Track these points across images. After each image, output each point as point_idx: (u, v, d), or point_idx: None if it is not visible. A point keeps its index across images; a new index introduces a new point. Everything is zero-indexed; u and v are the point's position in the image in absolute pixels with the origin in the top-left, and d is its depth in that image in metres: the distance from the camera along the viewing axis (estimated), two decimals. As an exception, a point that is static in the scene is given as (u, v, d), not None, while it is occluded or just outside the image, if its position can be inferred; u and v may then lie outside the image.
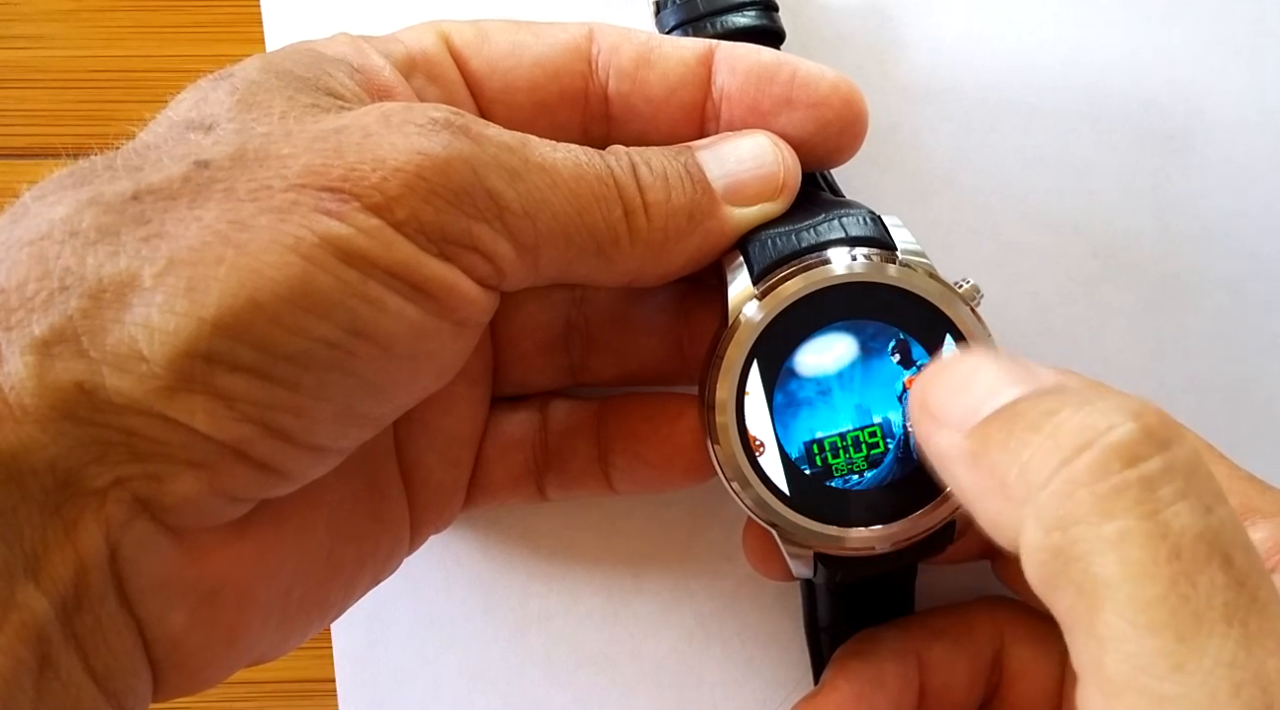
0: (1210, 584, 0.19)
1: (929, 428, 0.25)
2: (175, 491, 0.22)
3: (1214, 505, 0.20)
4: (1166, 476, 0.20)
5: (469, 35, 0.29)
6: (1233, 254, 0.35)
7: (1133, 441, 0.21)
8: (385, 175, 0.23)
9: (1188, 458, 0.21)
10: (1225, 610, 0.19)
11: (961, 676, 0.30)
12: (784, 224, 0.29)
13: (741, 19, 0.31)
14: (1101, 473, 0.20)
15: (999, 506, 0.22)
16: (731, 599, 0.36)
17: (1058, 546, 0.21)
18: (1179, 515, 0.20)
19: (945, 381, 0.25)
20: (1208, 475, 0.21)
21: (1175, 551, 0.20)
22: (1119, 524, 0.20)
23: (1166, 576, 0.19)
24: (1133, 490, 0.20)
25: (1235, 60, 0.35)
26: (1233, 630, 0.19)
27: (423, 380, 0.25)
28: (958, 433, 0.23)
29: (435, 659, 0.36)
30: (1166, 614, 0.19)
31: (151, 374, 0.21)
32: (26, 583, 0.21)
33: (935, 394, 0.25)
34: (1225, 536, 0.20)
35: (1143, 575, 0.20)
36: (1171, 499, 0.20)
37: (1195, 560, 0.20)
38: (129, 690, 0.23)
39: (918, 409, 0.25)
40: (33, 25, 0.36)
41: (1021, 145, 0.35)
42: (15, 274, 0.21)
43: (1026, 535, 0.21)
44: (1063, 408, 0.22)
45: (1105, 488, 0.20)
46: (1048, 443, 0.21)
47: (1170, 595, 0.19)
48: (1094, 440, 0.21)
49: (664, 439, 0.32)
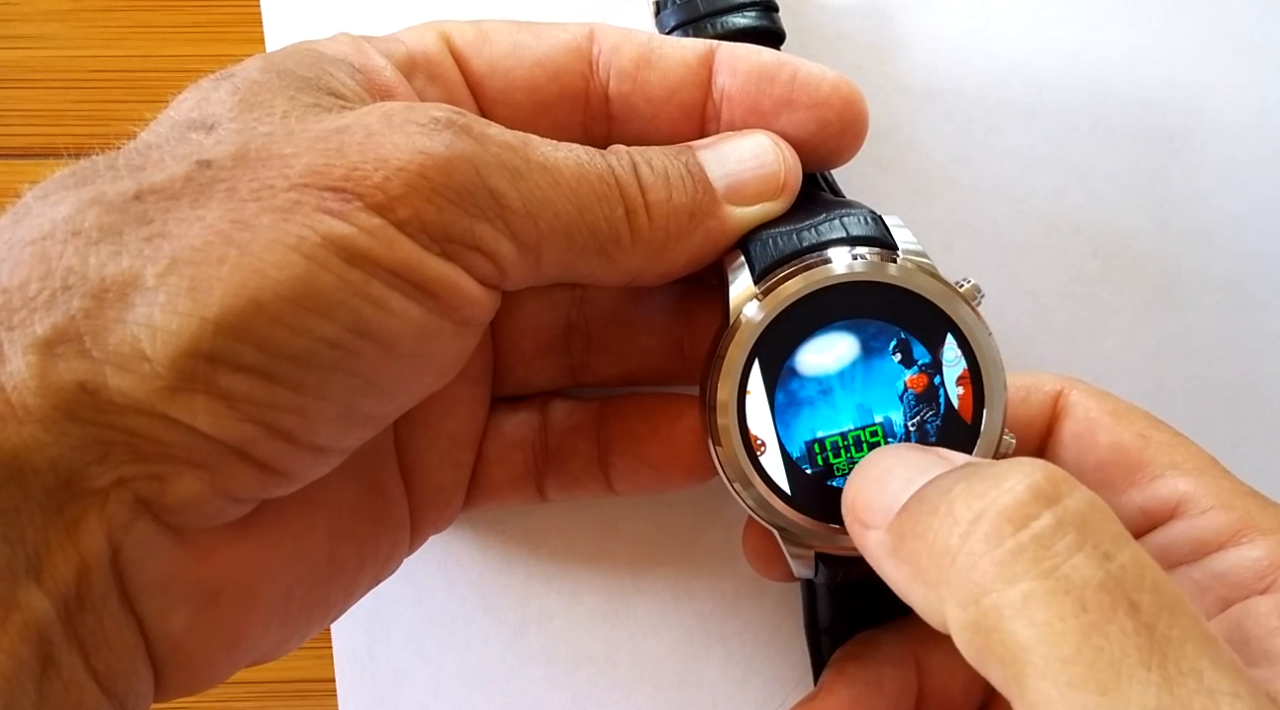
0: (1121, 631, 0.19)
1: (858, 531, 0.25)
2: (177, 492, 0.22)
3: (1113, 551, 0.20)
4: (1060, 530, 0.21)
5: (470, 35, 0.29)
6: (1233, 254, 0.35)
7: (1020, 503, 0.21)
8: (388, 175, 0.23)
9: (1079, 507, 0.21)
10: (1140, 655, 0.19)
11: (959, 681, 0.30)
12: (785, 224, 0.29)
13: (742, 19, 0.31)
14: (997, 539, 0.21)
15: (923, 592, 0.23)
16: (731, 599, 0.36)
17: (975, 620, 0.21)
18: (1078, 568, 0.20)
19: (864, 482, 0.25)
20: (1104, 521, 0.21)
21: (1080, 604, 0.20)
22: (1022, 587, 0.20)
23: (1076, 631, 0.19)
24: (1029, 550, 0.20)
25: (1235, 60, 0.35)
26: (1152, 675, 0.19)
27: (424, 380, 0.25)
28: (881, 530, 0.24)
29: (435, 659, 0.35)
30: (1084, 669, 0.19)
31: (154, 374, 0.21)
32: (28, 583, 0.21)
33: (858, 497, 0.25)
34: (1129, 581, 0.20)
35: (1054, 634, 0.20)
36: (1068, 552, 0.20)
37: (1101, 610, 0.20)
38: (130, 690, 0.23)
39: (848, 515, 0.26)
40: (33, 25, 0.36)
41: (1021, 145, 0.35)
42: (18, 273, 0.21)
43: (949, 615, 0.21)
44: (955, 484, 0.22)
45: (1003, 553, 0.20)
46: (946, 521, 0.22)
47: (1084, 649, 0.19)
48: (986, 509, 0.21)
49: (665, 439, 0.32)
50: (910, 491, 0.23)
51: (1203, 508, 0.27)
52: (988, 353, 0.28)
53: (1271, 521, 0.27)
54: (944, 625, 0.22)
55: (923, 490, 0.23)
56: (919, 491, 0.23)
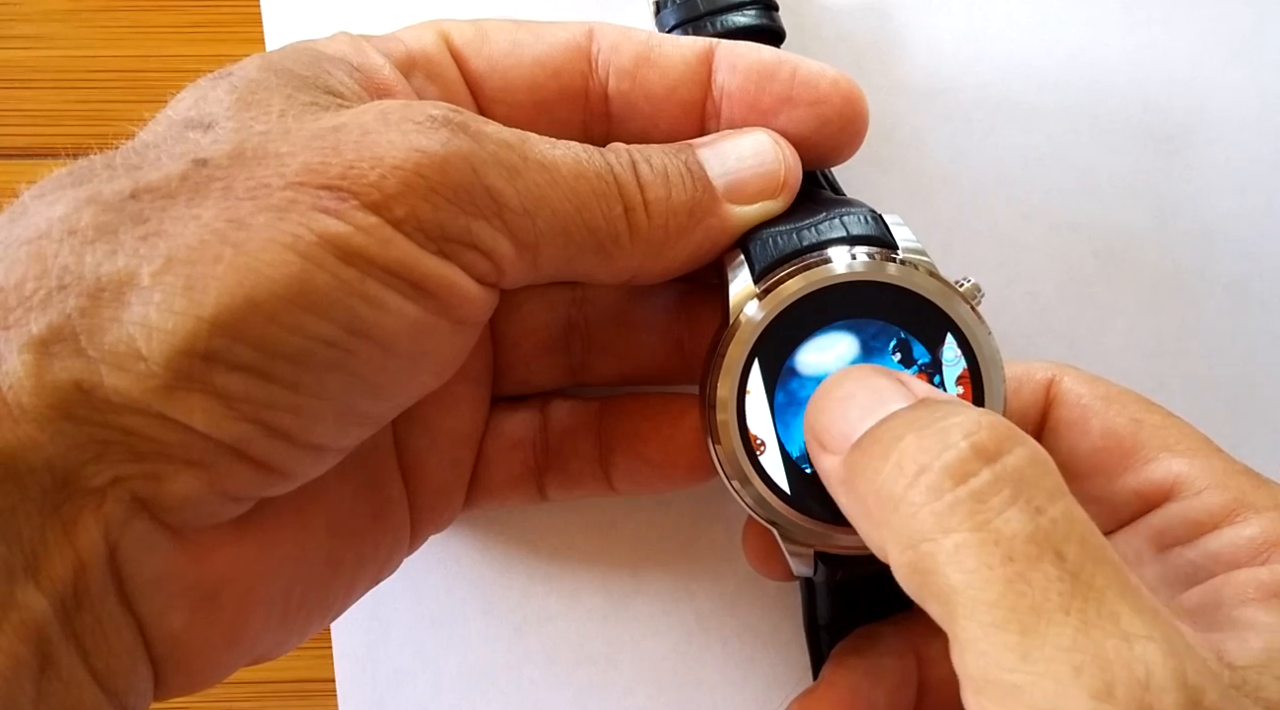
0: (1044, 578, 0.21)
1: (816, 452, 0.26)
2: (174, 491, 0.22)
3: (1045, 506, 0.22)
4: (995, 486, 0.22)
5: (469, 34, 0.29)
6: (1233, 254, 0.35)
7: (962, 459, 0.22)
8: (384, 173, 0.23)
9: (1017, 464, 0.22)
10: (1061, 600, 0.21)
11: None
12: (785, 222, 0.29)
13: (741, 18, 0.31)
14: (937, 492, 0.22)
15: (869, 528, 0.24)
16: (731, 599, 0.36)
17: (912, 563, 0.22)
18: (1009, 522, 0.21)
19: (827, 404, 0.26)
20: (1042, 477, 0.22)
21: (1008, 555, 0.21)
22: (955, 538, 0.22)
23: (1002, 578, 0.21)
24: (964, 505, 0.22)
25: (1235, 60, 0.35)
26: (1070, 618, 0.20)
27: (422, 378, 0.25)
28: (836, 457, 0.25)
29: (435, 659, 0.35)
30: (1007, 612, 0.21)
31: (150, 373, 0.21)
32: (26, 582, 0.21)
33: (819, 418, 0.26)
34: (1057, 534, 0.21)
35: (982, 581, 0.21)
36: (1001, 507, 0.22)
37: (1028, 560, 0.21)
38: (130, 689, 0.23)
39: (807, 432, 0.27)
40: (33, 25, 0.36)
41: (1021, 145, 0.35)
42: (13, 273, 0.21)
43: (891, 554, 0.23)
44: (908, 432, 0.23)
45: (941, 506, 0.22)
46: (894, 469, 0.23)
47: (1008, 594, 0.21)
48: (930, 463, 0.22)
49: (665, 438, 0.31)
50: (868, 423, 0.25)
51: (1197, 488, 0.28)
52: (987, 352, 0.28)
53: (1266, 499, 0.27)
54: (886, 559, 0.23)
55: (877, 429, 0.24)
56: (873, 430, 0.24)
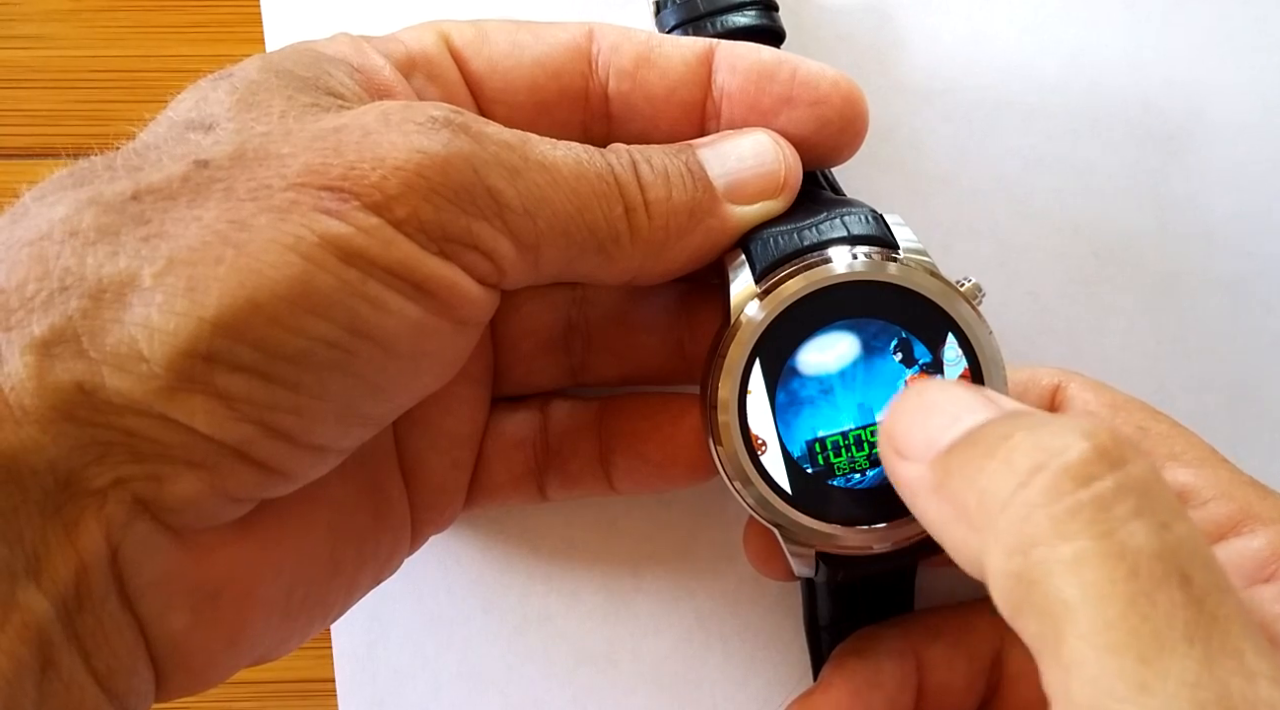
0: (1170, 602, 0.19)
1: (894, 460, 0.25)
2: (175, 492, 0.22)
3: (1171, 522, 0.20)
4: (1120, 495, 0.20)
5: (469, 35, 0.29)
6: (1233, 254, 0.35)
7: (1085, 461, 0.21)
8: (385, 173, 0.23)
9: (1142, 475, 0.21)
10: (1186, 629, 0.19)
11: (960, 676, 0.30)
12: (785, 222, 0.29)
13: (741, 19, 0.31)
14: (1055, 494, 0.20)
15: (963, 534, 0.22)
16: (731, 599, 0.36)
17: (1019, 571, 0.20)
18: (1134, 534, 0.20)
19: (907, 413, 0.25)
20: (1164, 491, 0.21)
21: (1133, 571, 0.19)
22: (1075, 545, 0.20)
23: (1124, 596, 0.19)
24: (1087, 510, 0.20)
25: (1235, 60, 0.35)
26: (1194, 649, 0.19)
27: (423, 379, 0.25)
28: (921, 464, 0.23)
29: (435, 659, 0.35)
30: (1126, 634, 0.19)
31: (151, 374, 0.21)
32: (27, 583, 0.21)
33: (898, 426, 0.25)
34: (1183, 554, 0.20)
35: (1100, 596, 0.19)
36: (1127, 517, 0.20)
37: (1153, 578, 0.19)
38: (131, 690, 0.23)
39: (884, 442, 0.25)
40: (33, 25, 0.36)
41: (1021, 145, 0.35)
42: (15, 274, 0.21)
43: (990, 561, 0.21)
44: (1016, 431, 0.22)
45: (1060, 509, 0.20)
46: (1003, 467, 0.21)
47: (1129, 615, 0.19)
48: (1048, 462, 0.21)
49: (666, 438, 0.31)
50: (957, 429, 0.23)
51: (1203, 499, 0.27)
52: (988, 352, 0.28)
53: (1272, 511, 0.27)
54: (979, 570, 0.22)
55: (977, 432, 0.23)
56: (973, 432, 0.23)
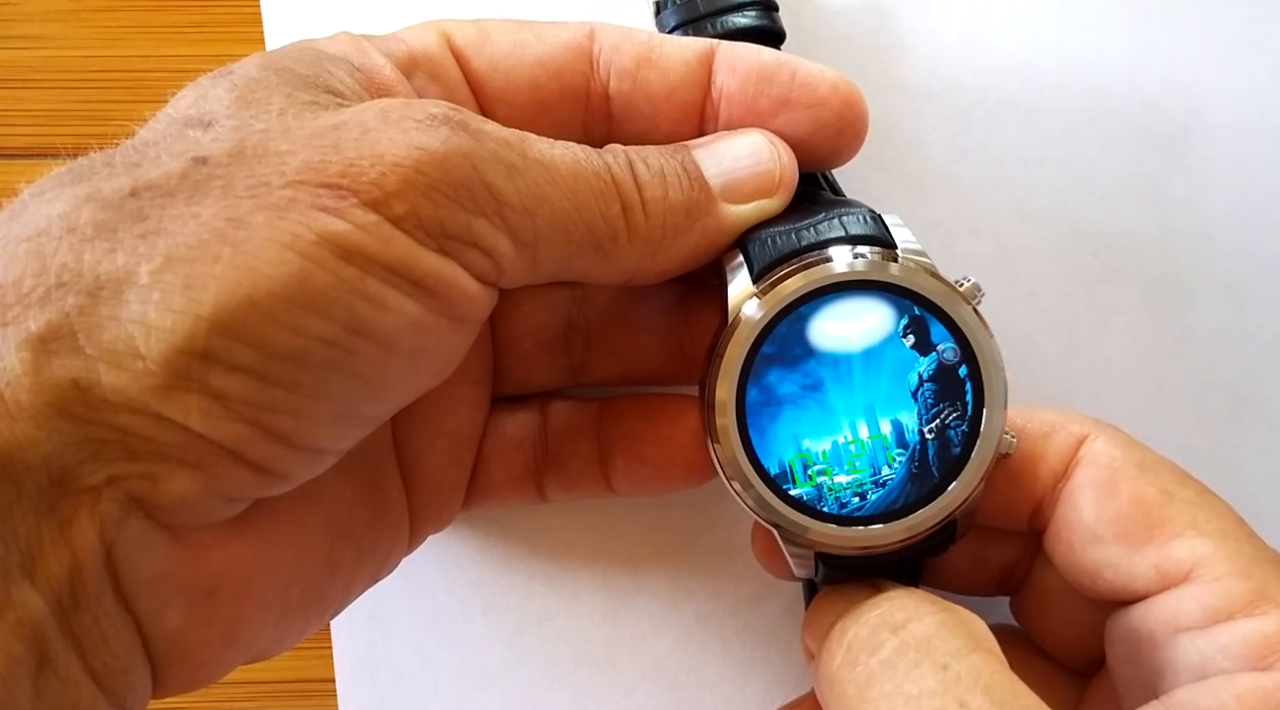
0: None
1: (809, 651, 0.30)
2: (169, 491, 0.22)
3: (950, 662, 0.25)
4: (903, 653, 0.25)
5: (470, 34, 0.29)
6: (1233, 254, 0.35)
7: (872, 632, 0.26)
8: (383, 171, 0.23)
9: (925, 631, 0.26)
10: None
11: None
12: (784, 222, 0.29)
13: (742, 19, 0.31)
14: (855, 665, 0.26)
15: None
16: (731, 599, 0.36)
17: None
18: (916, 681, 0.25)
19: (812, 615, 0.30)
20: (947, 638, 0.25)
21: (915, 707, 0.24)
22: (873, 706, 0.25)
23: None
24: (878, 673, 0.26)
25: (1235, 60, 0.35)
26: None
27: (421, 377, 0.25)
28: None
29: (435, 659, 0.35)
30: None
31: (147, 371, 0.21)
32: (22, 581, 0.21)
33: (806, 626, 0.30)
34: (962, 685, 0.24)
35: None
36: (909, 670, 0.25)
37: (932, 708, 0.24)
38: (128, 687, 0.23)
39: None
40: (33, 25, 0.36)
41: (1021, 145, 0.35)
42: (12, 270, 0.21)
43: None
44: (840, 619, 0.28)
45: (858, 675, 0.26)
46: (834, 650, 0.27)
47: None
48: (850, 641, 0.27)
49: (665, 439, 0.31)
50: None
51: (1218, 574, 0.26)
52: (988, 352, 0.28)
53: None
54: None
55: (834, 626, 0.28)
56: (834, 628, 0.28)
